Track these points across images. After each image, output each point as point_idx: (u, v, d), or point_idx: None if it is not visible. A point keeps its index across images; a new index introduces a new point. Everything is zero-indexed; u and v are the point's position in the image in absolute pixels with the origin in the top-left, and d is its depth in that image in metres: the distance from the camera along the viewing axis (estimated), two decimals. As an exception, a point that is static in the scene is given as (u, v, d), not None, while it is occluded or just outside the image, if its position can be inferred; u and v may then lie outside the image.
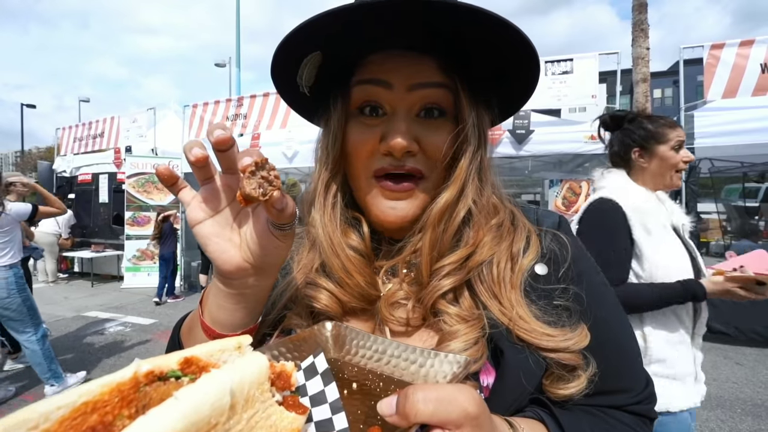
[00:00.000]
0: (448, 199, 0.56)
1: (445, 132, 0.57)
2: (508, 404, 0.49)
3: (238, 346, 0.35)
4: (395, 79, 0.56)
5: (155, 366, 0.29)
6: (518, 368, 0.50)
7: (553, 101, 5.57)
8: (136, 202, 8.12)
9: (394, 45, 0.56)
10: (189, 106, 7.84)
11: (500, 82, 0.59)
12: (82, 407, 0.27)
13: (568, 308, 0.54)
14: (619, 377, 0.56)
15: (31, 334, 3.40)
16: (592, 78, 5.46)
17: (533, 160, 5.90)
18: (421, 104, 0.57)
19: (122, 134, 8.79)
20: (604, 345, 0.54)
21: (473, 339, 0.51)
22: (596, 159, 5.57)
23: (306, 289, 0.60)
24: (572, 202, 5.57)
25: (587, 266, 0.61)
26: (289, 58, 0.57)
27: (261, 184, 0.40)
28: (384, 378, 0.47)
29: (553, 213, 0.66)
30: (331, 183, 0.62)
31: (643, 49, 6.69)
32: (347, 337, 0.52)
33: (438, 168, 0.58)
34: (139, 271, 8.17)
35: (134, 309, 6.61)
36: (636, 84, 8.95)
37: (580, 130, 5.53)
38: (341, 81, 0.60)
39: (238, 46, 14.07)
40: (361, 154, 0.58)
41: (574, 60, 5.51)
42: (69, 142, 9.86)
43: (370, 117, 0.58)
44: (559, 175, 5.90)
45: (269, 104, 7.05)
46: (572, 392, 0.51)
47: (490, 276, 0.56)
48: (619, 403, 0.55)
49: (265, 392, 0.31)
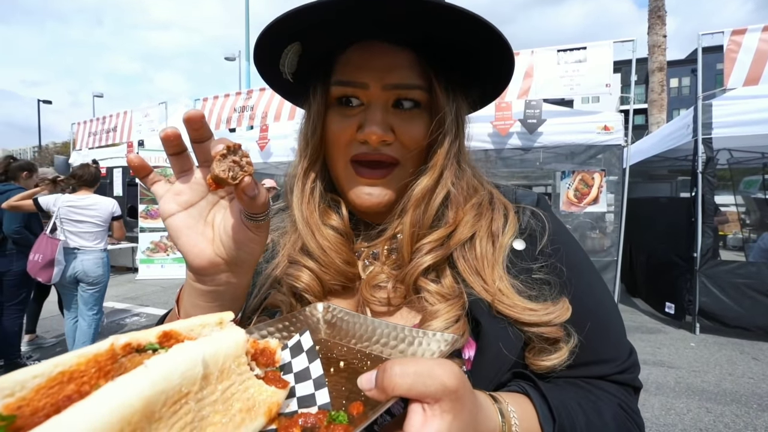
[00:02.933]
0: (426, 184, 0.58)
1: (420, 122, 0.59)
2: (491, 375, 0.50)
3: (220, 322, 0.35)
4: (371, 79, 0.57)
5: (132, 338, 0.29)
6: (497, 339, 0.51)
7: (566, 90, 5.45)
8: (149, 195, 8.25)
9: (371, 36, 0.57)
10: (200, 100, 7.92)
11: (476, 70, 0.61)
12: (59, 376, 0.27)
13: (548, 282, 0.55)
14: (601, 348, 0.56)
15: (96, 312, 3.87)
16: (607, 67, 5.33)
17: (544, 151, 5.80)
18: (395, 98, 0.59)
19: (135, 128, 8.93)
20: (586, 316, 0.55)
21: (454, 317, 0.52)
22: (609, 150, 5.45)
23: (289, 268, 0.61)
24: (584, 194, 5.47)
25: (566, 240, 0.62)
26: (270, 49, 0.58)
27: (231, 168, 0.40)
28: (372, 357, 0.47)
29: (532, 192, 0.68)
30: (310, 169, 0.64)
31: (660, 37, 6.50)
32: (338, 317, 0.52)
33: (413, 156, 0.60)
34: (153, 263, 8.34)
35: (149, 300, 6.76)
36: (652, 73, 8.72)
37: (593, 121, 5.41)
38: (322, 71, 0.61)
39: (248, 40, 14.11)
40: (340, 142, 0.60)
41: (588, 48, 5.38)
42: (84, 136, 10.06)
43: (347, 107, 0.60)
44: (571, 166, 5.78)
45: (277, 97, 7.04)
46: (554, 363, 0.52)
47: (472, 253, 0.57)
48: (603, 373, 0.56)
49: (242, 365, 0.30)
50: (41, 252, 3.52)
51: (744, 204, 9.38)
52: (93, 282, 3.81)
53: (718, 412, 3.24)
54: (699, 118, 4.85)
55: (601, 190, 5.40)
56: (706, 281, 4.87)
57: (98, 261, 3.82)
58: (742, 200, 9.25)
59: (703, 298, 4.88)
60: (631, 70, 5.38)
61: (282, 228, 0.68)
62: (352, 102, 0.59)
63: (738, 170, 8.16)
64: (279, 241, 0.66)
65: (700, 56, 4.99)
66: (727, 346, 4.58)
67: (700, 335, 4.90)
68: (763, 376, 3.86)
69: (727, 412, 3.25)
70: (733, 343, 4.65)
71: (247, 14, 14.09)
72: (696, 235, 4.89)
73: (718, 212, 6.21)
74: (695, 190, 4.95)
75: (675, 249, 5.49)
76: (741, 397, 3.48)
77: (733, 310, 4.75)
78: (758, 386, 3.68)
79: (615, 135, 5.33)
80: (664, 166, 8.10)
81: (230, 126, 7.51)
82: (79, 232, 3.71)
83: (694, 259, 4.90)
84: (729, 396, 3.49)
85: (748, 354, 4.39)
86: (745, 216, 9.51)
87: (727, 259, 5.21)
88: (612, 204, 5.52)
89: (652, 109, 11.31)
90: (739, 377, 3.86)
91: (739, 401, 3.41)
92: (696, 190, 4.93)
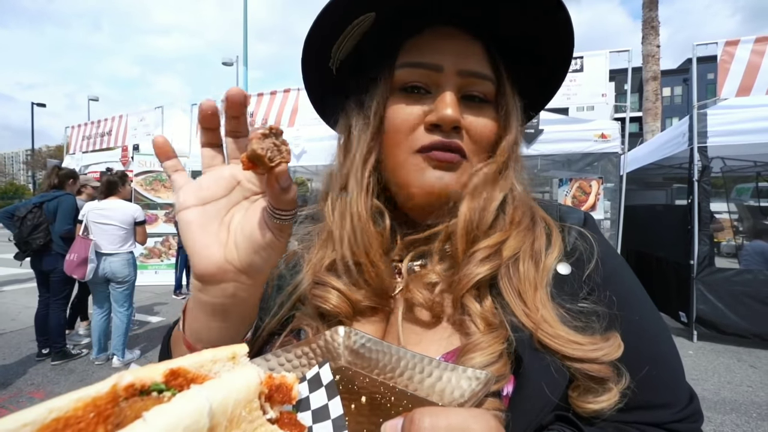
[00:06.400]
0: (488, 172, 0.55)
1: (488, 117, 0.57)
2: (531, 417, 0.44)
3: (233, 356, 0.32)
4: (446, 61, 0.54)
5: (137, 378, 0.26)
6: (540, 376, 0.45)
7: (563, 100, 5.48)
8: (143, 200, 8.17)
9: (443, 21, 0.55)
10: (197, 105, 7.87)
11: (535, 80, 0.62)
12: (53, 423, 0.24)
13: (597, 313, 0.49)
14: (657, 390, 0.49)
15: (127, 308, 4.26)
16: (603, 76, 5.37)
17: (542, 158, 5.82)
18: (467, 88, 0.56)
19: (130, 132, 8.85)
20: (639, 354, 0.49)
21: (497, 352, 0.46)
22: (606, 158, 5.48)
23: (315, 289, 0.56)
24: (582, 201, 5.49)
25: (617, 266, 0.56)
26: (338, 16, 0.54)
27: (270, 149, 0.37)
28: (396, 392, 0.43)
29: (577, 210, 0.62)
30: (368, 160, 0.58)
31: (654, 47, 6.58)
32: (361, 344, 0.48)
33: (479, 152, 0.57)
34: (147, 269, 8.21)
35: (143, 307, 6.64)
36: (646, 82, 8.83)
37: (590, 129, 5.44)
38: (386, 57, 0.57)
39: (246, 45, 14.12)
40: (404, 128, 0.55)
41: (584, 58, 5.42)
42: (78, 140, 9.95)
43: (413, 94, 0.56)
44: (568, 174, 5.81)
45: (276, 103, 7.05)
46: (602, 407, 0.45)
47: (516, 272, 0.51)
48: (659, 420, 0.49)
49: (253, 411, 0.27)
50: (76, 252, 3.92)
51: (737, 211, 9.46)
52: (122, 281, 4.20)
53: (719, 421, 3.22)
54: (695, 126, 4.90)
55: (598, 197, 5.42)
56: (703, 288, 4.88)
57: (125, 262, 4.20)
58: (735, 207, 9.33)
59: (700, 305, 4.88)
60: (624, 79, 5.44)
61: (308, 240, 0.63)
62: (418, 90, 0.56)
63: (731, 178, 8.25)
64: (304, 255, 0.61)
65: (695, 66, 5.05)
66: (724, 354, 4.57)
67: (698, 343, 4.89)
68: (761, 384, 3.86)
69: (727, 421, 3.23)
70: (730, 351, 4.65)
71: (245, 20, 14.12)
72: (693, 243, 4.91)
73: (714, 220, 6.25)
74: (691, 198, 4.98)
75: (672, 256, 5.51)
76: (740, 406, 3.47)
77: (729, 317, 4.75)
78: (757, 394, 3.67)
79: (612, 143, 5.37)
80: (659, 174, 8.16)
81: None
82: (105, 236, 4.07)
83: (691, 266, 4.92)
84: (728, 405, 3.48)
85: (746, 362, 4.39)
86: (738, 223, 9.59)
87: (722, 267, 5.22)
88: (609, 211, 5.54)
89: (647, 118, 11.41)
90: (737, 385, 3.85)
91: (738, 410, 3.39)
92: (692, 198, 4.96)
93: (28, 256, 4.22)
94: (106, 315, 4.32)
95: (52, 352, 4.28)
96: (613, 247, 0.59)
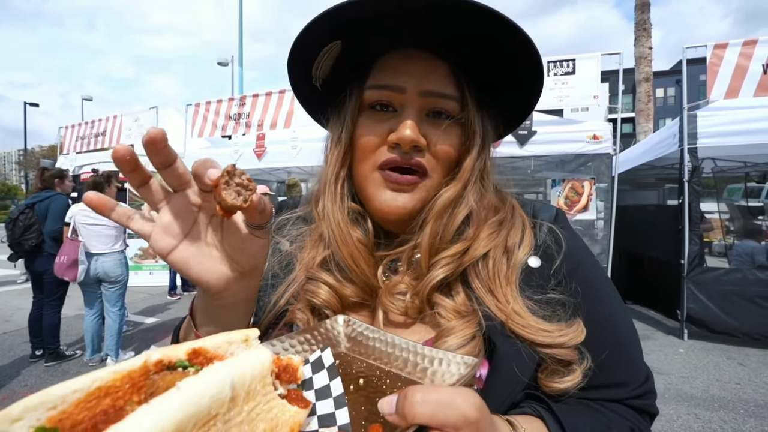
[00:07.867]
0: (450, 196, 0.58)
1: (452, 134, 0.59)
2: (504, 396, 0.50)
3: (245, 339, 0.36)
4: (408, 83, 0.57)
5: (164, 355, 0.30)
6: (511, 359, 0.50)
7: (556, 102, 5.55)
8: (138, 201, 8.14)
9: (409, 43, 0.57)
10: (191, 105, 7.85)
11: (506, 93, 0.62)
12: (96, 392, 0.27)
13: (563, 302, 0.54)
14: (616, 371, 0.55)
15: (120, 308, 4.29)
16: (595, 78, 5.44)
17: (535, 159, 5.89)
18: (430, 107, 0.58)
19: (124, 133, 8.80)
20: (601, 339, 0.54)
21: (469, 334, 0.51)
22: (598, 158, 5.55)
23: (307, 284, 0.61)
24: (575, 202, 5.56)
25: (582, 257, 0.60)
26: (307, 48, 0.58)
27: (239, 192, 0.39)
28: (391, 375, 0.47)
29: (550, 206, 0.66)
30: (340, 173, 0.63)
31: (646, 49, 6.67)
32: (358, 332, 0.53)
33: (441, 168, 0.59)
34: (141, 269, 8.20)
35: (136, 308, 6.63)
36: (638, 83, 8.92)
37: (583, 130, 5.51)
38: (357, 75, 0.61)
39: (241, 45, 14.10)
40: (369, 146, 0.59)
41: (577, 60, 5.49)
42: (72, 140, 9.88)
43: (380, 112, 0.59)
44: (561, 174, 5.87)
45: (272, 103, 7.05)
46: (567, 386, 0.51)
47: (485, 271, 0.56)
48: (617, 397, 0.55)
49: (266, 386, 0.31)
50: (66, 254, 3.90)
51: (727, 211, 9.61)
52: (114, 281, 4.23)
53: (707, 418, 3.29)
54: (685, 128, 4.99)
55: (590, 198, 5.50)
56: (694, 288, 4.97)
57: (116, 262, 4.22)
58: (726, 207, 9.48)
59: (691, 304, 4.97)
60: (618, 80, 5.51)
61: (300, 241, 0.67)
62: (385, 108, 0.59)
63: (721, 178, 8.38)
64: (296, 254, 0.65)
65: (685, 68, 5.13)
66: (714, 352, 4.66)
67: (688, 341, 4.98)
68: (749, 382, 3.94)
69: (715, 418, 3.30)
70: (720, 349, 4.73)
71: (240, 20, 14.11)
72: (683, 242, 5.00)
73: (704, 220, 6.35)
74: (682, 198, 5.07)
75: (663, 256, 5.59)
76: (728, 402, 3.54)
77: (719, 316, 4.84)
78: (744, 392, 3.74)
79: (604, 144, 5.44)
80: (651, 175, 8.26)
81: (225, 133, 7.46)
82: (95, 236, 4.06)
83: (682, 265, 5.00)
84: (717, 402, 3.55)
85: (735, 359, 4.47)
86: (729, 223, 9.73)
87: (712, 266, 5.31)
88: (602, 211, 5.61)
89: (640, 119, 11.56)
90: (726, 383, 3.92)
91: (726, 407, 3.47)
92: (683, 198, 5.05)
93: (20, 258, 4.23)
94: (97, 316, 4.30)
95: (46, 353, 4.29)
96: (583, 241, 0.63)
